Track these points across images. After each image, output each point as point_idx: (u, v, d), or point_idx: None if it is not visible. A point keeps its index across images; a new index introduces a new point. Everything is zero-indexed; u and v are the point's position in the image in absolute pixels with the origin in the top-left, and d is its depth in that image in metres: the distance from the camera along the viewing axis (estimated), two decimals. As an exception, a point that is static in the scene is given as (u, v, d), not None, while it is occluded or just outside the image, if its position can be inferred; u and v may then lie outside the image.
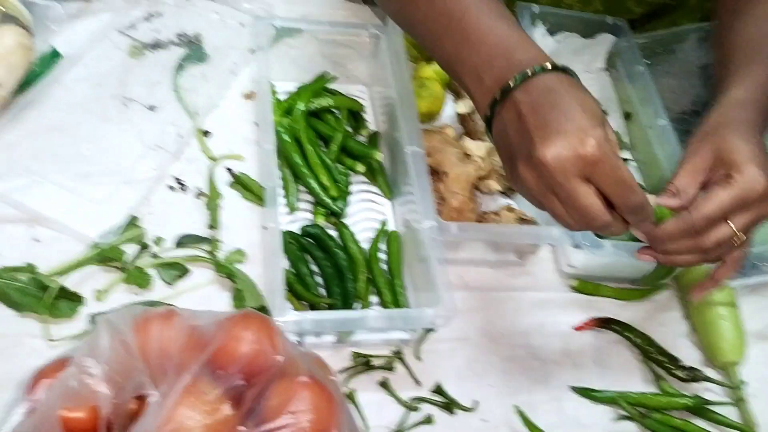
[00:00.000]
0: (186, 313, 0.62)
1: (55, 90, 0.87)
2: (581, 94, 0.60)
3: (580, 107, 0.58)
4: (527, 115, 0.59)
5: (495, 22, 0.65)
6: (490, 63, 0.63)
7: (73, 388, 0.52)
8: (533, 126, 0.58)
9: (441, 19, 0.67)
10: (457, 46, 0.66)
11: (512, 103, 0.60)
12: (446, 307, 0.71)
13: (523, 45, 0.63)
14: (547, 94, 0.59)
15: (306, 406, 0.57)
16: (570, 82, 0.61)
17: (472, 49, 0.65)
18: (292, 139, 0.86)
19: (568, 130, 0.56)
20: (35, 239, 0.76)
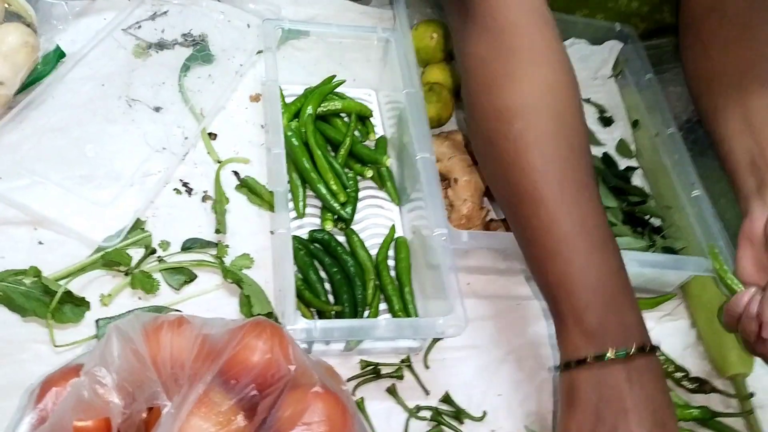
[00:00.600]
0: (197, 320, 0.61)
1: (59, 89, 0.86)
2: (665, 391, 0.63)
3: (672, 417, 0.63)
4: (616, 408, 0.62)
5: (587, 267, 0.65)
6: (576, 317, 0.65)
7: (85, 398, 0.50)
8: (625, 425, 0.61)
9: (535, 249, 0.68)
10: (548, 284, 0.68)
11: (594, 378, 0.63)
12: (458, 316, 0.71)
13: (615, 305, 0.64)
14: (633, 389, 0.62)
15: (320, 417, 0.57)
16: (653, 372, 0.63)
17: (582, 284, 0.65)
18: (301, 143, 0.85)
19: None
20: (39, 242, 0.75)
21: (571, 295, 0.64)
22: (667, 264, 0.84)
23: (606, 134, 1.04)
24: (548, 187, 0.66)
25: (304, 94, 0.91)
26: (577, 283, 0.64)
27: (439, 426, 0.74)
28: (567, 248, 0.65)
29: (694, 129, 1.02)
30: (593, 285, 0.64)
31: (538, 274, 0.69)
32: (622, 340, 0.63)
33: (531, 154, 0.67)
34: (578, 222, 0.65)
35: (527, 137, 0.68)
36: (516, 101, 0.69)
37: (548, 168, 0.67)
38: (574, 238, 0.65)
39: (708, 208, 0.87)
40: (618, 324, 0.64)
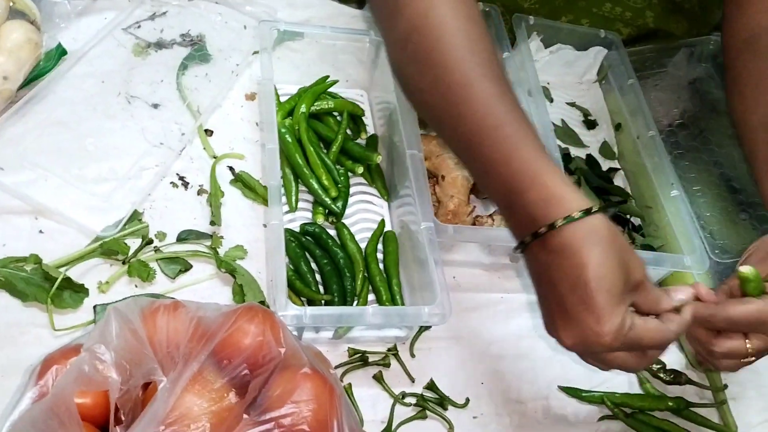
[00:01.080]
0: (191, 305, 0.64)
1: (61, 85, 0.88)
2: (602, 260, 0.58)
3: (599, 287, 0.58)
4: (546, 286, 0.61)
5: (513, 152, 0.63)
6: (509, 202, 0.62)
7: (86, 372, 0.53)
8: (552, 301, 0.60)
9: (463, 146, 0.66)
10: (481, 176, 0.66)
11: (533, 257, 0.61)
12: (442, 305, 0.74)
13: (542, 182, 0.61)
14: (564, 261, 0.59)
15: (308, 396, 0.59)
16: (590, 237, 0.58)
17: (492, 182, 0.64)
18: (294, 140, 0.88)
19: (586, 322, 0.58)
20: (40, 231, 0.78)
21: (512, 180, 0.62)
22: (646, 260, 0.86)
23: (590, 137, 1.07)
24: (474, 87, 0.65)
25: (298, 93, 0.94)
26: (514, 168, 0.62)
27: (424, 411, 0.77)
28: (501, 138, 0.63)
29: (675, 133, 1.06)
30: (529, 166, 0.62)
31: (478, 173, 0.67)
32: (569, 205, 0.59)
33: (453, 62, 0.66)
34: (506, 113, 0.64)
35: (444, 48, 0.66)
36: (409, 23, 0.69)
37: (469, 70, 0.65)
38: (505, 128, 0.63)
39: (686, 208, 0.90)
40: (560, 191, 0.60)
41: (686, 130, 1.06)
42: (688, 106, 1.10)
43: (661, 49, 1.12)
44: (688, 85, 1.12)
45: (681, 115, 1.09)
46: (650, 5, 1.09)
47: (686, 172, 1.01)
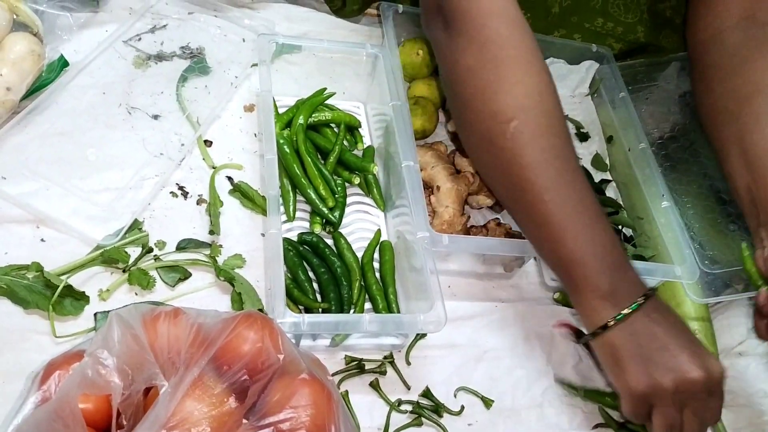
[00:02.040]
0: (192, 311, 0.65)
1: (63, 96, 0.90)
2: (678, 317, 0.75)
3: (692, 334, 0.74)
4: (658, 341, 0.71)
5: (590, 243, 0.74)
6: (589, 287, 0.73)
7: (89, 376, 0.54)
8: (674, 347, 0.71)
9: (542, 234, 0.76)
10: (558, 264, 0.76)
11: (624, 332, 0.72)
12: (438, 314, 0.75)
13: (618, 271, 0.74)
14: (674, 316, 0.75)
15: (306, 402, 0.61)
16: (665, 306, 0.75)
17: (571, 270, 0.74)
18: (292, 151, 0.89)
19: (707, 356, 0.72)
20: (41, 239, 0.79)
21: (584, 266, 0.73)
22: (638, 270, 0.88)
23: (582, 149, 1.09)
24: (548, 176, 0.74)
25: (295, 105, 0.96)
26: (587, 255, 0.73)
27: (419, 419, 0.78)
28: (572, 226, 0.73)
29: (666, 145, 1.08)
30: (600, 254, 0.73)
31: (549, 256, 0.77)
32: (634, 294, 0.73)
33: (529, 149, 0.75)
34: (577, 202, 0.74)
35: (524, 133, 0.75)
36: (510, 103, 0.76)
37: (546, 159, 0.75)
38: (576, 217, 0.74)
39: (676, 219, 0.92)
40: (626, 282, 0.74)
41: (676, 142, 1.08)
42: (678, 119, 1.12)
43: (651, 63, 1.15)
44: (678, 99, 1.14)
45: (671, 127, 1.11)
46: (641, 20, 1.11)
47: (676, 184, 1.03)
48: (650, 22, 1.11)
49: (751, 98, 0.87)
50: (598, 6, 1.10)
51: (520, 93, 0.76)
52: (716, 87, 0.91)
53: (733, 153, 0.87)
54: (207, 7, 1.05)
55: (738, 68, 0.89)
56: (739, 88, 0.88)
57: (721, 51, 0.92)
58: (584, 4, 1.10)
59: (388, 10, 1.01)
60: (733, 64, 0.90)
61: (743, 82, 0.88)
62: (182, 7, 1.05)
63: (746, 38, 0.90)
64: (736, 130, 0.87)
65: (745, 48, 0.90)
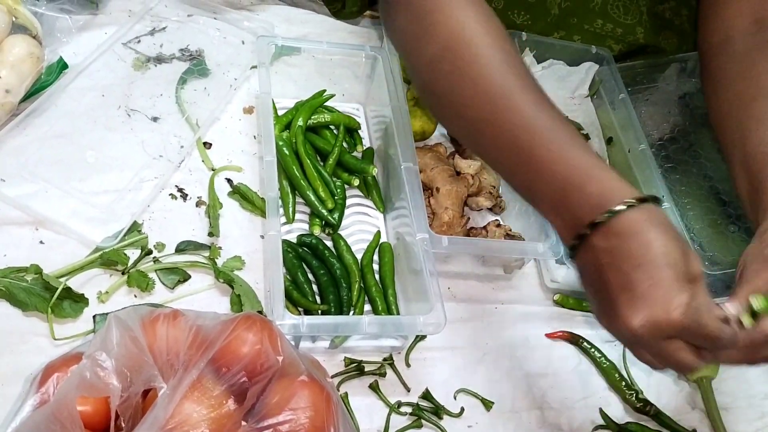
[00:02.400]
0: (191, 313, 0.65)
1: (62, 98, 0.90)
2: (665, 240, 0.59)
3: (666, 263, 0.57)
4: (608, 271, 0.59)
5: (565, 151, 0.65)
6: (565, 199, 0.64)
7: (87, 378, 0.54)
8: (616, 286, 0.59)
9: (510, 153, 0.68)
10: (530, 180, 0.67)
11: (591, 249, 0.61)
12: (437, 315, 0.75)
13: (598, 176, 0.63)
14: (627, 243, 0.59)
15: (305, 404, 0.60)
16: (651, 221, 0.60)
17: (544, 183, 0.65)
18: (291, 153, 0.89)
19: (654, 297, 0.57)
20: (40, 241, 0.79)
21: (569, 176, 0.64)
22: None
23: (582, 150, 1.09)
24: (516, 96, 0.69)
25: (295, 107, 0.96)
26: (570, 165, 0.64)
27: (419, 421, 0.78)
28: (552, 139, 0.66)
29: (666, 146, 1.08)
30: (583, 163, 0.64)
31: (527, 177, 0.68)
32: (618, 199, 0.61)
33: (492, 75, 0.70)
34: (551, 118, 0.68)
35: (462, 70, 0.71)
36: (437, 47, 0.73)
37: (508, 82, 0.69)
38: (554, 132, 0.67)
39: (676, 220, 0.92)
40: (610, 186, 0.62)
41: (676, 143, 1.08)
42: (678, 120, 1.12)
43: (651, 64, 1.14)
44: (678, 100, 1.14)
45: (671, 129, 1.11)
46: (640, 21, 1.11)
47: (676, 185, 1.03)
48: (650, 24, 1.11)
49: (755, 101, 0.85)
50: (598, 7, 1.10)
51: (445, 32, 0.72)
52: (723, 91, 0.90)
53: (736, 157, 0.85)
54: (206, 9, 1.06)
55: (745, 72, 0.88)
56: (744, 92, 0.87)
57: (730, 55, 0.91)
58: (583, 5, 1.10)
59: (388, 12, 1.01)
60: (740, 68, 0.89)
61: (748, 86, 0.87)
62: (181, 9, 1.05)
63: (755, 42, 0.89)
64: (739, 133, 0.85)
65: (753, 51, 0.89)
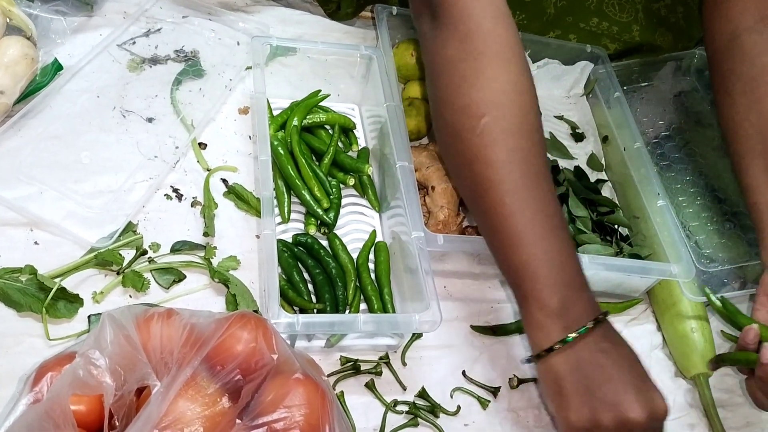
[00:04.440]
0: (185, 312, 0.65)
1: (56, 100, 0.90)
2: (627, 345, 0.72)
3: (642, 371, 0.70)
4: (600, 373, 0.68)
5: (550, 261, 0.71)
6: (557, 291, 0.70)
7: (80, 377, 0.54)
8: (618, 385, 0.68)
9: (521, 234, 0.72)
10: (515, 274, 0.72)
11: (569, 357, 0.69)
12: (433, 313, 0.75)
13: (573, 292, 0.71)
14: (624, 348, 0.71)
15: (300, 401, 0.60)
16: (614, 331, 0.72)
17: (543, 269, 0.70)
18: (286, 152, 0.89)
19: (652, 393, 0.68)
20: (35, 242, 0.79)
21: (536, 277, 0.70)
22: (634, 268, 0.89)
23: (578, 149, 1.09)
24: (511, 178, 0.71)
25: (290, 107, 0.96)
26: (539, 267, 0.70)
27: (416, 419, 0.78)
28: (529, 235, 0.70)
29: (661, 144, 1.08)
30: (555, 268, 0.70)
31: (502, 261, 0.74)
32: (585, 317, 0.69)
33: (496, 147, 0.72)
34: (538, 210, 0.71)
35: (493, 131, 0.73)
36: (484, 98, 0.74)
37: (512, 160, 0.72)
38: (535, 226, 0.71)
39: (672, 218, 0.92)
40: (578, 302, 0.70)
41: (672, 141, 1.08)
42: (673, 118, 1.12)
43: (646, 63, 1.15)
44: (673, 98, 1.14)
45: (667, 127, 1.11)
46: (636, 20, 1.11)
47: (672, 183, 1.03)
48: (645, 22, 1.11)
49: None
50: (593, 6, 1.10)
51: (495, 88, 0.74)
52: (737, 97, 0.89)
53: (757, 168, 0.85)
54: (201, 10, 1.06)
55: (759, 77, 0.87)
56: (761, 100, 0.86)
57: (740, 57, 0.90)
58: (579, 4, 1.10)
59: (383, 12, 1.01)
60: (752, 73, 0.88)
61: (765, 92, 0.86)
62: (176, 10, 1.05)
63: (764, 41, 0.88)
64: (760, 145, 0.85)
65: (764, 54, 0.88)
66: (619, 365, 0.68)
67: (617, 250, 0.94)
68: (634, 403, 0.66)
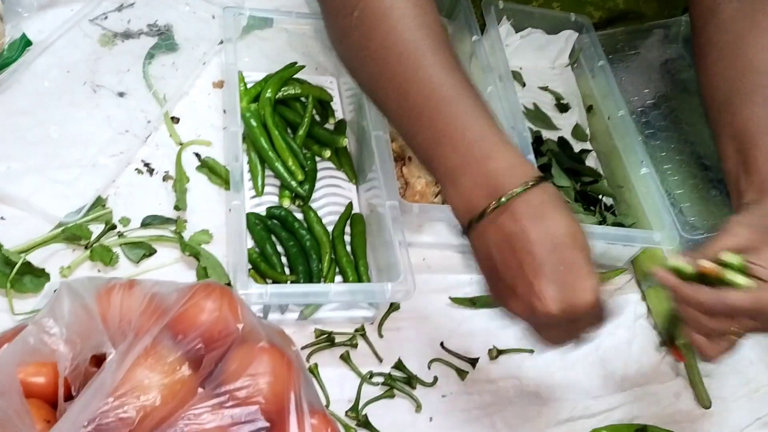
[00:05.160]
0: (148, 283, 0.63)
1: (25, 76, 0.88)
2: (571, 222, 0.60)
3: (577, 246, 0.59)
4: (515, 253, 0.59)
5: (470, 119, 0.63)
6: (464, 173, 0.62)
7: (30, 344, 0.52)
8: (528, 269, 0.58)
9: (411, 115, 0.65)
10: (429, 146, 0.64)
11: (496, 227, 0.60)
12: (406, 281, 0.73)
13: (500, 152, 0.62)
14: (536, 226, 0.59)
15: (264, 369, 0.59)
16: (554, 203, 0.60)
17: (444, 152, 0.63)
18: (259, 124, 0.87)
19: (571, 281, 0.58)
20: (1, 217, 0.77)
21: (469, 150, 0.62)
22: (617, 236, 0.87)
23: (562, 120, 1.07)
24: (425, 57, 0.64)
25: (264, 79, 0.94)
26: (472, 139, 0.62)
27: (392, 390, 0.76)
28: (458, 109, 0.63)
29: (647, 113, 1.06)
30: (486, 137, 0.62)
31: (426, 143, 0.65)
32: (518, 179, 0.60)
33: (402, 31, 0.65)
34: (459, 85, 0.64)
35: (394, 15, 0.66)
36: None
37: (419, 40, 0.65)
38: (460, 100, 0.63)
39: (656, 185, 0.90)
40: (510, 164, 0.61)
41: (657, 110, 1.06)
42: (659, 86, 1.10)
43: (632, 30, 1.12)
44: (659, 66, 1.11)
45: (653, 95, 1.08)
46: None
47: (657, 151, 1.00)
48: None
49: (744, 75, 0.82)
50: (576, -27, 1.08)
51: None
52: (710, 63, 0.87)
53: (725, 135, 0.82)
54: (175, -16, 1.04)
55: (732, 45, 0.85)
56: (731, 66, 0.84)
57: (717, 25, 0.87)
58: (562, -29, 1.07)
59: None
60: (727, 39, 0.85)
61: (735, 59, 0.84)
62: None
63: (740, 8, 0.86)
64: (727, 111, 0.82)
65: (740, 20, 0.85)
66: (542, 241, 0.58)
67: (600, 219, 0.92)
68: (544, 291, 0.58)
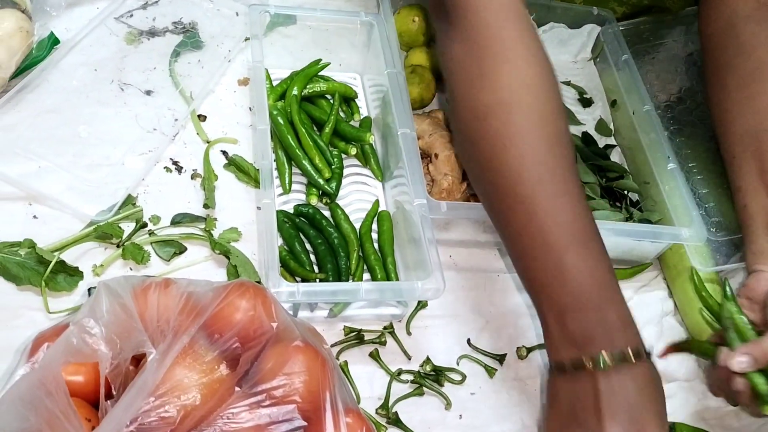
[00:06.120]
0: (183, 282, 0.64)
1: (54, 74, 0.89)
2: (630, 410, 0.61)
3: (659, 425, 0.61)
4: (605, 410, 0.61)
5: (588, 261, 0.64)
6: (577, 311, 0.63)
7: (74, 345, 0.53)
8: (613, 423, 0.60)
9: (535, 244, 0.65)
10: (545, 275, 0.65)
11: (591, 383, 0.62)
12: (436, 280, 0.73)
13: (615, 300, 0.64)
14: (634, 396, 0.61)
15: (300, 368, 0.60)
16: (649, 386, 0.62)
17: (560, 284, 0.64)
18: (286, 122, 0.88)
19: None
20: (34, 216, 0.78)
21: (551, 296, 0.64)
22: (644, 233, 0.86)
23: (586, 114, 1.06)
24: (524, 187, 0.66)
25: (290, 76, 0.94)
26: (555, 285, 0.64)
27: (421, 388, 0.76)
28: (544, 249, 0.64)
29: (672, 107, 1.05)
30: (572, 287, 0.63)
31: (520, 273, 0.69)
32: (606, 345, 0.62)
33: (507, 154, 0.67)
34: (556, 220, 0.65)
35: (503, 136, 0.68)
36: (491, 99, 0.69)
37: (525, 167, 0.66)
38: (551, 238, 0.64)
39: (682, 181, 0.89)
40: (599, 327, 0.63)
41: (683, 104, 1.05)
42: (685, 80, 1.08)
43: (656, 21, 1.11)
44: (685, 58, 1.10)
45: (678, 89, 1.07)
46: (644, -19, 1.08)
47: (683, 147, 1.00)
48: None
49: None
50: (599, -33, 1.07)
51: (502, 85, 0.69)
52: (732, 91, 0.84)
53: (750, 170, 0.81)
54: (199, -19, 1.04)
55: (755, 72, 0.83)
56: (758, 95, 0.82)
57: (736, 48, 0.85)
58: (585, -34, 1.07)
59: (383, -22, 0.99)
60: (748, 67, 0.83)
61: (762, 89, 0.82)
62: (174, -18, 1.03)
63: (761, 31, 0.84)
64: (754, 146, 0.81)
65: (761, 47, 0.83)
66: (618, 409, 0.61)
67: (627, 215, 0.92)
68: None
